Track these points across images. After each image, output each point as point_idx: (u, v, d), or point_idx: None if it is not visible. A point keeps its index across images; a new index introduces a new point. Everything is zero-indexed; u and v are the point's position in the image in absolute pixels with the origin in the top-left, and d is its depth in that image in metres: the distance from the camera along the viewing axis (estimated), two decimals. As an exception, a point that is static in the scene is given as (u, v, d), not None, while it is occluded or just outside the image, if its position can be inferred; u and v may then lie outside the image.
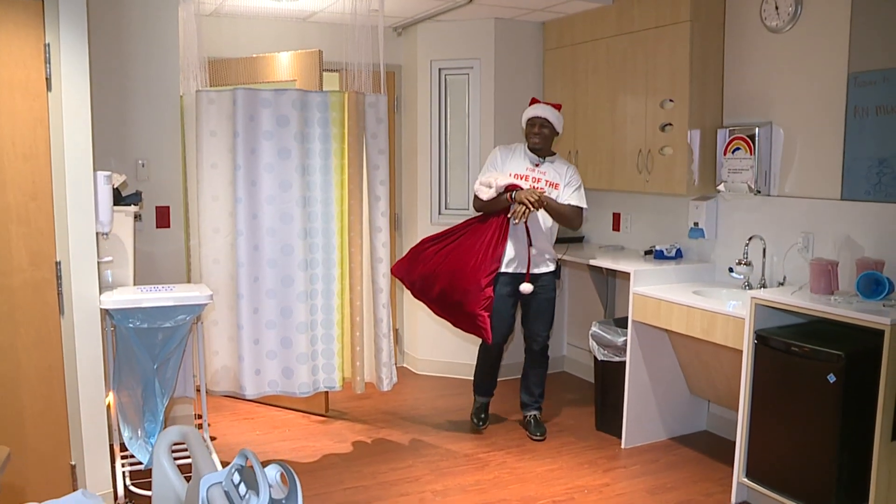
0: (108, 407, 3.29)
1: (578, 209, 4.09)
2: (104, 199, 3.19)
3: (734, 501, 3.47)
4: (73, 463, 3.17)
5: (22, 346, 3.02)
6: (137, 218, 3.86)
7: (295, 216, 3.77)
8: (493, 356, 4.34)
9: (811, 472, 3.09)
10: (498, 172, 4.12)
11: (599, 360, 4.26)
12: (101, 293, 3.21)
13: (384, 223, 4.02)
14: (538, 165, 4.14)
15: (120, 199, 3.53)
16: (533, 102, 4.22)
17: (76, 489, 3.17)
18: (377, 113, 3.96)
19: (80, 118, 3.04)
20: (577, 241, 5.19)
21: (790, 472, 3.18)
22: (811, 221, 3.69)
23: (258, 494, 1.36)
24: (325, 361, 3.97)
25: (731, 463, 3.54)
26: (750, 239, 3.83)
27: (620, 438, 4.14)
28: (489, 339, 4.03)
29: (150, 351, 3.28)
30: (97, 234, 3.20)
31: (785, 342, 3.18)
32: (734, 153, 3.95)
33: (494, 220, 4.07)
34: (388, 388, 4.09)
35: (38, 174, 2.98)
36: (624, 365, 4.07)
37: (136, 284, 3.59)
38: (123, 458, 3.40)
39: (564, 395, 5.02)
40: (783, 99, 3.82)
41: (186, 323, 3.31)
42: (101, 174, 3.17)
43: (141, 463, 3.32)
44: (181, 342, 3.37)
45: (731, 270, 3.92)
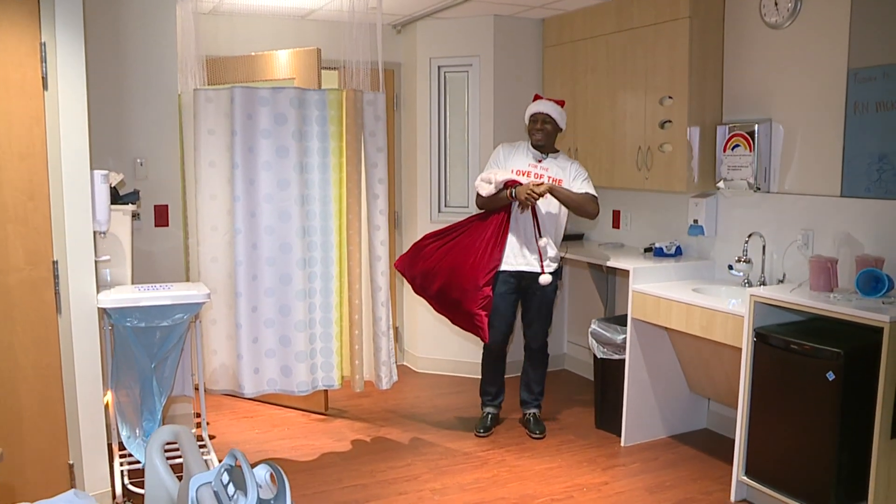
0: (106, 406, 3.29)
1: (591, 196, 4.02)
2: (101, 197, 3.18)
3: (734, 499, 3.46)
4: (70, 462, 3.17)
5: (19, 345, 3.01)
6: (135, 217, 3.86)
7: (293, 214, 3.77)
8: (494, 356, 4.32)
9: (810, 469, 3.08)
10: (499, 169, 4.10)
11: (599, 357, 4.25)
12: (98, 292, 3.21)
13: (383, 221, 4.01)
14: (541, 162, 4.12)
15: (118, 197, 3.53)
16: (536, 99, 4.20)
17: (74, 488, 3.18)
18: (375, 111, 3.95)
19: (76, 117, 3.04)
20: (577, 238, 5.18)
21: (789, 469, 3.17)
22: (811, 218, 3.68)
23: (246, 495, 1.36)
24: (323, 360, 3.97)
25: (730, 461, 3.53)
26: (749, 236, 3.81)
27: (620, 436, 4.13)
28: (486, 338, 4.02)
29: (147, 350, 3.28)
30: (94, 232, 3.20)
31: (784, 340, 3.16)
32: (734, 150, 3.93)
33: (495, 218, 4.06)
34: (387, 386, 4.08)
35: (34, 173, 2.98)
36: (623, 363, 4.06)
37: (134, 283, 3.58)
38: (122, 457, 3.40)
39: (565, 392, 5.01)
40: (783, 95, 3.80)
41: (184, 322, 3.31)
42: (98, 173, 3.16)
43: (139, 462, 3.32)
44: (179, 341, 3.37)
45: (730, 268, 3.91)
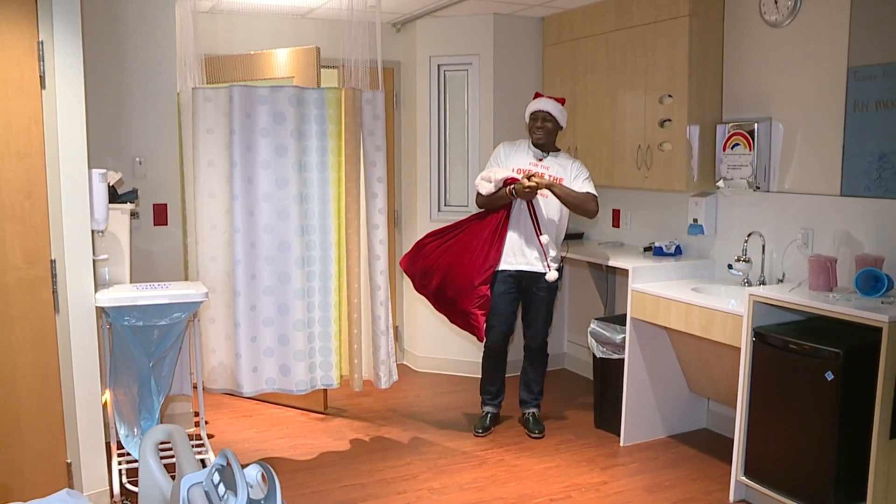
0: (104, 405, 3.29)
1: (591, 195, 4.00)
2: (99, 196, 3.18)
3: (732, 499, 3.45)
4: (69, 461, 3.17)
5: (17, 344, 3.01)
6: (134, 215, 3.86)
7: (292, 213, 3.77)
8: (494, 355, 4.31)
9: (809, 470, 3.07)
10: (500, 168, 4.09)
11: (598, 357, 4.25)
12: (97, 291, 3.21)
13: (382, 220, 4.01)
14: (542, 160, 4.10)
15: (116, 196, 3.52)
16: (536, 97, 4.19)
17: (72, 487, 3.19)
18: (374, 109, 3.94)
19: (74, 116, 3.04)
20: (577, 237, 5.17)
21: (788, 470, 3.16)
22: (810, 217, 3.67)
23: (236, 495, 1.36)
24: (322, 359, 3.97)
25: (730, 461, 3.52)
26: (749, 235, 3.80)
27: (619, 436, 4.13)
28: (481, 337, 4.02)
29: (145, 349, 3.28)
30: (93, 231, 3.20)
31: (783, 339, 3.15)
32: (733, 149, 3.92)
33: (494, 217, 4.06)
34: (386, 385, 4.08)
35: (32, 172, 2.98)
36: (623, 362, 4.05)
37: (133, 282, 3.58)
38: (120, 455, 3.41)
39: (564, 392, 5.00)
40: (783, 94, 3.79)
41: (182, 320, 3.31)
42: (96, 172, 3.16)
43: (137, 461, 3.31)
44: (177, 340, 3.37)
45: (730, 267, 3.89)
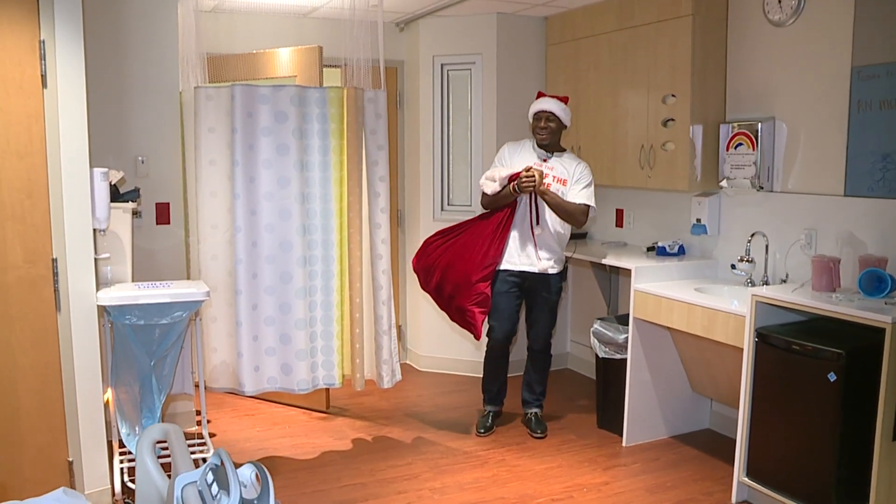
0: (105, 403, 3.30)
1: (583, 207, 3.98)
2: (101, 195, 3.19)
3: (734, 500, 3.44)
4: (70, 459, 3.17)
5: (18, 343, 3.02)
6: (136, 214, 3.87)
7: (293, 212, 3.76)
8: (496, 354, 4.30)
9: (811, 471, 3.05)
10: (504, 168, 4.08)
11: (601, 357, 4.23)
12: (98, 290, 3.22)
13: (384, 219, 4.00)
14: (546, 161, 4.08)
15: (118, 195, 3.53)
16: (539, 96, 4.17)
17: (73, 486, 3.19)
18: (376, 108, 3.94)
19: (75, 115, 3.04)
20: (580, 237, 5.16)
21: (790, 471, 3.15)
22: (814, 218, 3.65)
23: (229, 494, 1.36)
24: (324, 358, 3.96)
25: (732, 461, 3.51)
26: (752, 235, 3.79)
27: (622, 436, 4.11)
28: (478, 335, 4.02)
29: (146, 347, 3.28)
30: (94, 230, 3.20)
31: (785, 340, 3.14)
32: (737, 149, 3.91)
33: (497, 215, 4.05)
34: (389, 385, 4.07)
35: (33, 171, 2.98)
36: (625, 362, 4.04)
37: (135, 281, 3.59)
38: (121, 454, 3.41)
39: (567, 392, 4.99)
40: (786, 93, 3.77)
41: (183, 319, 3.31)
42: (97, 171, 3.17)
43: (138, 459, 3.32)
44: (178, 339, 3.37)
45: (733, 267, 3.88)
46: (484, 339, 4.26)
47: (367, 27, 3.92)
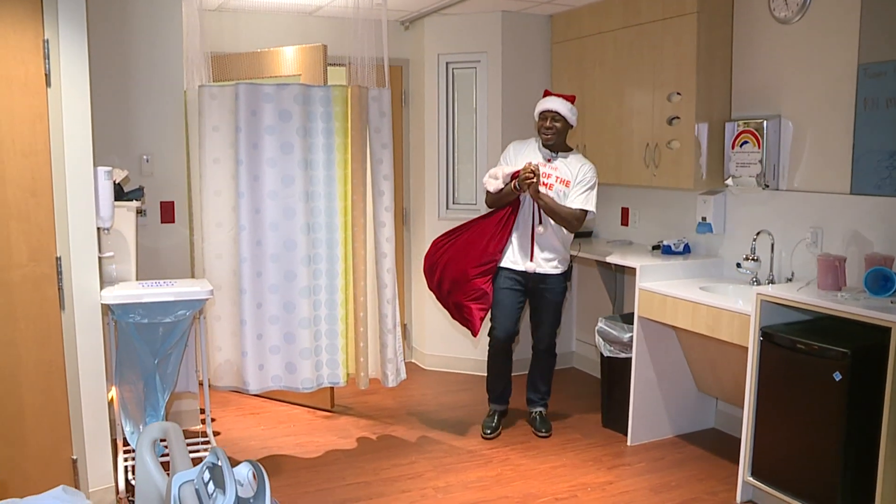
0: (110, 402, 3.31)
1: (579, 212, 3.94)
2: (105, 194, 3.19)
3: (739, 500, 3.42)
4: (74, 457, 3.18)
5: (22, 341, 3.03)
6: (141, 213, 3.87)
7: (298, 211, 3.77)
8: (499, 354, 4.26)
9: (817, 471, 3.04)
10: (508, 166, 4.07)
11: (605, 356, 4.22)
12: (102, 288, 3.22)
13: (388, 218, 4.00)
14: (550, 161, 4.05)
15: (122, 194, 3.53)
16: (546, 94, 4.13)
17: (77, 484, 3.20)
18: (380, 107, 3.94)
19: (79, 114, 3.05)
20: (585, 235, 5.15)
21: (795, 470, 3.13)
22: (820, 216, 3.63)
23: (225, 493, 1.35)
24: (328, 357, 3.96)
25: (737, 461, 3.49)
26: (758, 234, 3.77)
27: (626, 435, 4.10)
28: (475, 332, 4.02)
29: (150, 346, 3.29)
30: (98, 229, 3.21)
31: (791, 339, 3.12)
32: (742, 147, 3.89)
33: (499, 213, 4.04)
34: (393, 384, 4.07)
35: (37, 170, 2.99)
36: (630, 361, 4.03)
37: (139, 279, 3.59)
38: (125, 452, 3.42)
39: (572, 391, 4.98)
40: (792, 91, 3.75)
41: (187, 318, 3.31)
42: (101, 169, 3.17)
43: (142, 458, 3.32)
44: (182, 337, 3.38)
45: (738, 266, 3.85)
46: (483, 337, 4.25)
47: (371, 26, 3.92)
